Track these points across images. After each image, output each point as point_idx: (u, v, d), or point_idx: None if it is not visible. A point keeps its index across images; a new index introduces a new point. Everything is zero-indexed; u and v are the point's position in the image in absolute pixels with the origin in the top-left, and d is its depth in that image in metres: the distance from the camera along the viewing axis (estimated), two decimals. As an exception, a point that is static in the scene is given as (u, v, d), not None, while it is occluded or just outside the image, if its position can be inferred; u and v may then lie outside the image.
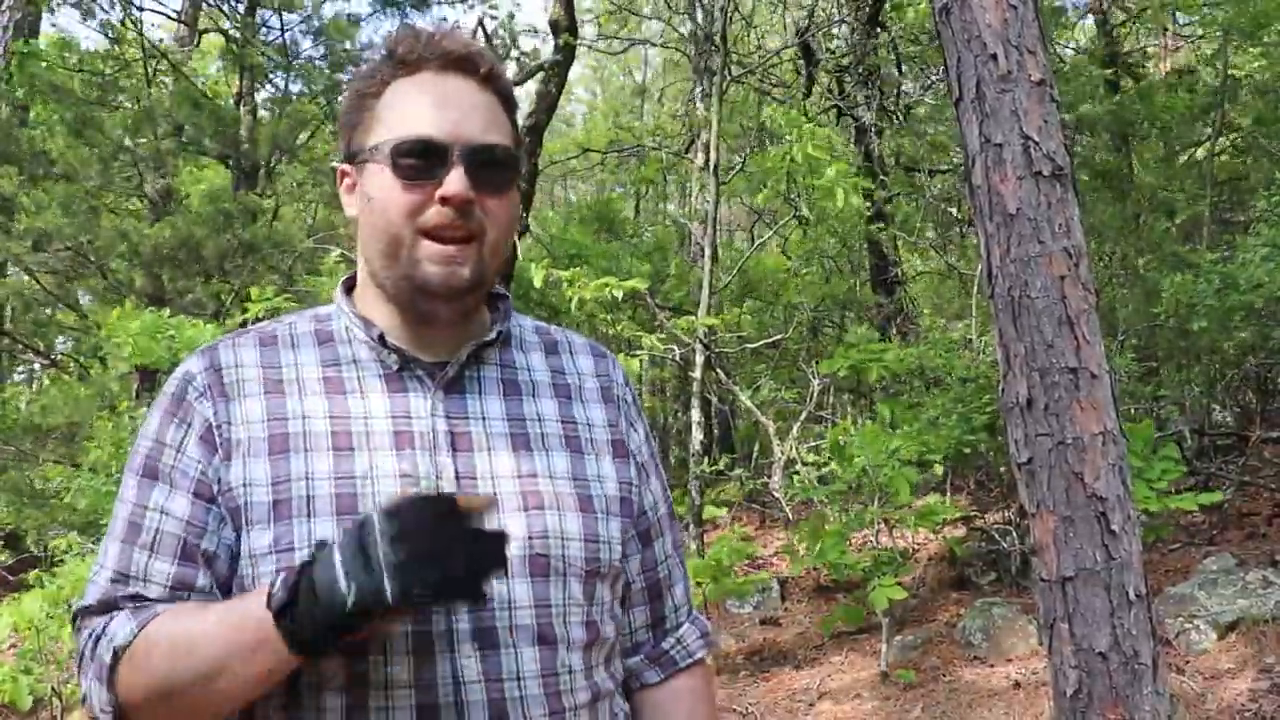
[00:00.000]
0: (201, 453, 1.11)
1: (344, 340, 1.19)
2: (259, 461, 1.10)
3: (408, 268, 1.12)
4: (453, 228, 1.11)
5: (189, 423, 1.13)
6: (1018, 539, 6.10)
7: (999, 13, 2.24)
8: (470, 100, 1.15)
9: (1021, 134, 2.25)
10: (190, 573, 1.09)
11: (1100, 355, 2.41)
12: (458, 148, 1.11)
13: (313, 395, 1.14)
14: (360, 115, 1.17)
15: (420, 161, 1.11)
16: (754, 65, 11.32)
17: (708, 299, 8.01)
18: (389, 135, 1.13)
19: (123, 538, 1.11)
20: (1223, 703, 4.21)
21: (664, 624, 1.34)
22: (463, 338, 1.19)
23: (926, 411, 6.29)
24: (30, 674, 4.67)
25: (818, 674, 5.67)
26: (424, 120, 1.12)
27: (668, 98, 17.38)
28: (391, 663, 1.05)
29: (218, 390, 1.14)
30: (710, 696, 1.37)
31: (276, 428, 1.12)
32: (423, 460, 1.12)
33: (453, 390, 1.17)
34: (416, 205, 1.11)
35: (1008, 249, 2.32)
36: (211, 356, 1.17)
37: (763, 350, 9.74)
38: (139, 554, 1.10)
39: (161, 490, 1.11)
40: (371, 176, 1.14)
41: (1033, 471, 2.53)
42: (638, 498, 1.28)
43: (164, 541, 1.10)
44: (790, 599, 7.25)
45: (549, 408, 1.23)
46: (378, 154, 1.13)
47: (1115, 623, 2.47)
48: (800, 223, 8.80)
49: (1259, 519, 6.24)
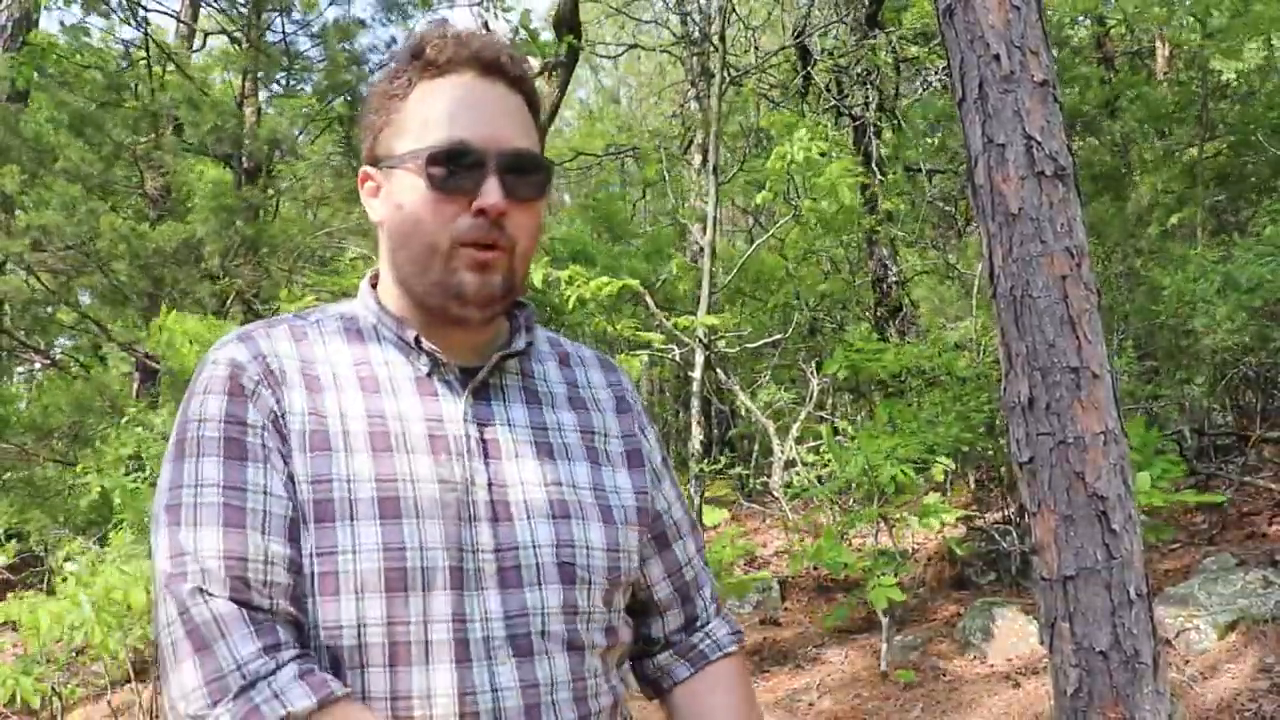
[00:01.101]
0: (277, 439, 1.08)
1: (374, 339, 1.17)
2: (301, 456, 1.07)
3: (442, 275, 1.10)
4: (487, 238, 1.10)
5: (259, 408, 1.08)
6: (1018, 538, 6.11)
7: (1002, 13, 2.25)
8: (502, 106, 1.13)
9: (1024, 134, 2.26)
10: (298, 556, 1.04)
11: (1102, 355, 2.41)
12: (492, 157, 1.09)
13: (349, 392, 1.12)
14: (387, 117, 1.15)
15: (455, 171, 1.09)
16: (751, 67, 11.33)
17: (707, 299, 8.02)
18: (421, 143, 1.10)
19: (224, 521, 1.02)
20: (1223, 702, 4.22)
21: (695, 623, 1.34)
22: (485, 344, 1.19)
23: (924, 411, 6.30)
24: (30, 674, 4.68)
25: (818, 673, 5.68)
26: (458, 127, 1.09)
27: (664, 99, 17.39)
28: (433, 673, 1.04)
29: (271, 379, 1.10)
30: (746, 682, 1.35)
31: (315, 423, 1.09)
32: (457, 465, 1.11)
33: (480, 396, 1.16)
34: (451, 215, 1.09)
35: (1010, 249, 2.33)
36: (252, 345, 1.12)
37: (762, 350, 9.75)
38: (253, 536, 1.02)
39: (256, 469, 1.05)
40: (401, 183, 1.12)
41: (1034, 471, 2.53)
42: (651, 505, 1.27)
43: (274, 523, 1.04)
44: (790, 599, 7.26)
45: (568, 418, 1.22)
46: (409, 161, 1.11)
47: (1116, 622, 2.48)
48: (798, 221, 8.80)
49: (1259, 519, 6.25)
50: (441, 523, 1.07)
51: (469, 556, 1.08)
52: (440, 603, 1.05)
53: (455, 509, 1.08)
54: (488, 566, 1.08)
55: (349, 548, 1.04)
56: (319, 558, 1.04)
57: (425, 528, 1.06)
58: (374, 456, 1.08)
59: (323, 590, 1.04)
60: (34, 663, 4.78)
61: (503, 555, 1.09)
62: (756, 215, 12.85)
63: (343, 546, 1.04)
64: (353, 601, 1.03)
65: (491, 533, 1.09)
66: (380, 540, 1.04)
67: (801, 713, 5.21)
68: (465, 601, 1.06)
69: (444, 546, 1.06)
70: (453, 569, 1.06)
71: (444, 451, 1.11)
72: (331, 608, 1.04)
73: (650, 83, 19.44)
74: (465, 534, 1.08)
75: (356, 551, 1.04)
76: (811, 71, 11.15)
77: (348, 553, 1.04)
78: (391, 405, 1.12)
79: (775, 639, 6.45)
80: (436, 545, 1.06)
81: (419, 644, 1.04)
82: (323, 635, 1.04)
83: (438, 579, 1.05)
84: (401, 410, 1.12)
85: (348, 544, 1.04)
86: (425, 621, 1.04)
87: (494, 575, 1.08)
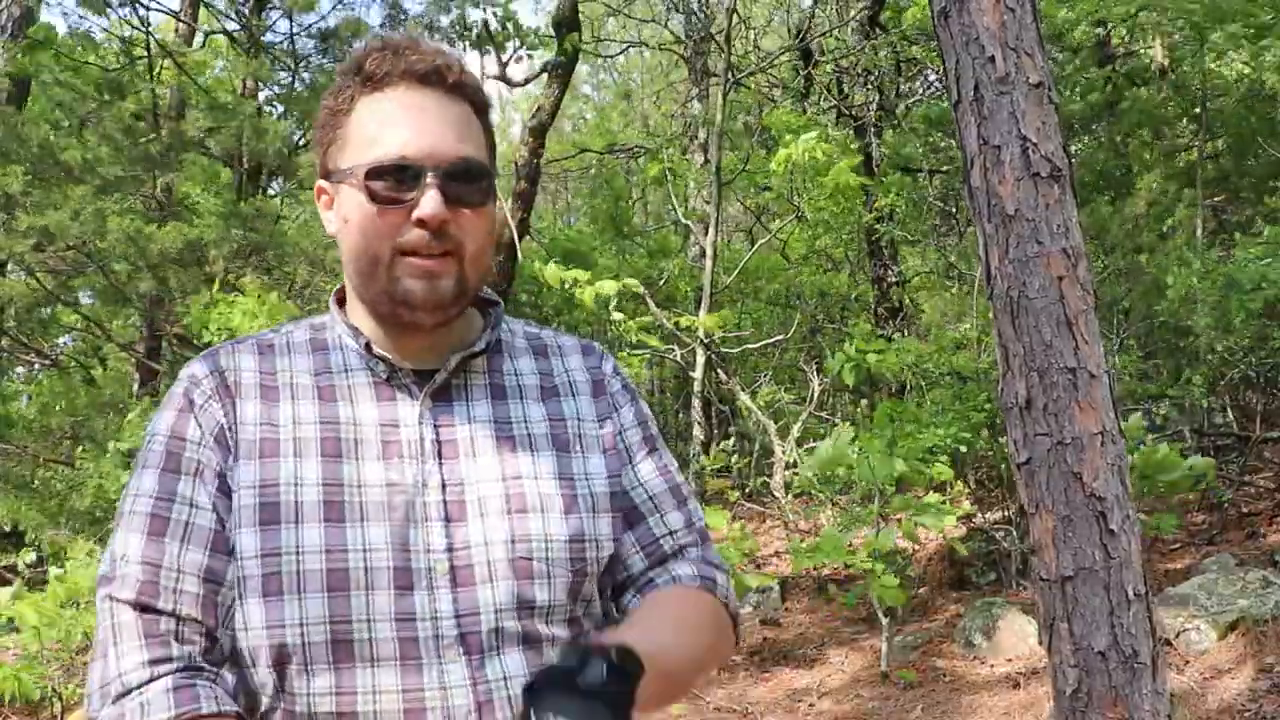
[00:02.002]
0: (218, 452, 1.13)
1: (337, 348, 1.21)
2: (250, 464, 1.12)
3: (387, 284, 1.13)
4: (429, 247, 1.12)
5: (203, 423, 1.14)
6: (1018, 538, 6.11)
7: (997, 15, 2.25)
8: (440, 115, 1.14)
9: (1020, 136, 2.27)
10: (220, 565, 1.09)
11: (1099, 355, 2.42)
12: (430, 168, 1.11)
13: (304, 401, 1.16)
14: (333, 133, 1.18)
15: (393, 185, 1.11)
16: (753, 67, 11.33)
17: (709, 299, 8.03)
18: (360, 158, 1.13)
19: (148, 529, 1.09)
20: (1223, 702, 4.22)
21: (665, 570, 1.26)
22: (447, 345, 1.20)
23: (924, 410, 6.30)
24: (30, 673, 4.68)
25: (818, 673, 5.68)
26: (394, 142, 1.12)
27: (664, 99, 17.39)
28: (379, 672, 1.07)
29: (224, 392, 1.15)
30: (695, 607, 1.22)
31: (267, 432, 1.13)
32: (409, 468, 1.13)
33: (440, 398, 1.18)
34: (392, 227, 1.12)
35: (1006, 250, 2.34)
36: (213, 361, 1.19)
37: (764, 349, 9.76)
38: (170, 544, 1.09)
39: (186, 482, 1.11)
40: (347, 198, 1.15)
41: (1032, 471, 2.54)
42: (621, 485, 1.24)
43: (194, 533, 1.09)
44: (790, 599, 7.27)
45: (536, 410, 1.23)
46: (350, 176, 1.14)
47: (1114, 622, 2.49)
48: (799, 220, 8.81)
49: (1259, 519, 6.25)
50: (388, 525, 1.10)
51: (418, 556, 1.10)
52: (383, 602, 1.07)
53: (404, 511, 1.11)
54: (439, 566, 1.10)
55: (293, 549, 1.08)
56: (264, 559, 1.08)
57: (369, 530, 1.09)
58: (323, 462, 1.12)
59: (267, 590, 1.07)
60: (34, 662, 4.79)
61: (455, 554, 1.11)
62: (759, 215, 12.85)
63: (286, 547, 1.08)
64: (296, 601, 1.07)
65: (444, 533, 1.11)
66: (323, 542, 1.08)
67: (801, 713, 5.22)
68: (414, 601, 1.08)
69: (389, 547, 1.09)
70: (398, 569, 1.08)
71: (396, 455, 1.13)
72: (275, 607, 1.07)
73: (655, 80, 19.45)
74: (414, 535, 1.10)
75: (300, 553, 1.08)
76: (813, 72, 11.16)
77: (291, 554, 1.08)
78: (347, 412, 1.16)
79: (775, 639, 6.45)
80: (381, 546, 1.09)
81: (361, 642, 1.07)
82: (267, 635, 1.07)
83: (381, 579, 1.08)
84: (357, 416, 1.15)
85: (291, 545, 1.08)
86: (369, 620, 1.07)
87: (446, 574, 1.10)
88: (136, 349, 10.21)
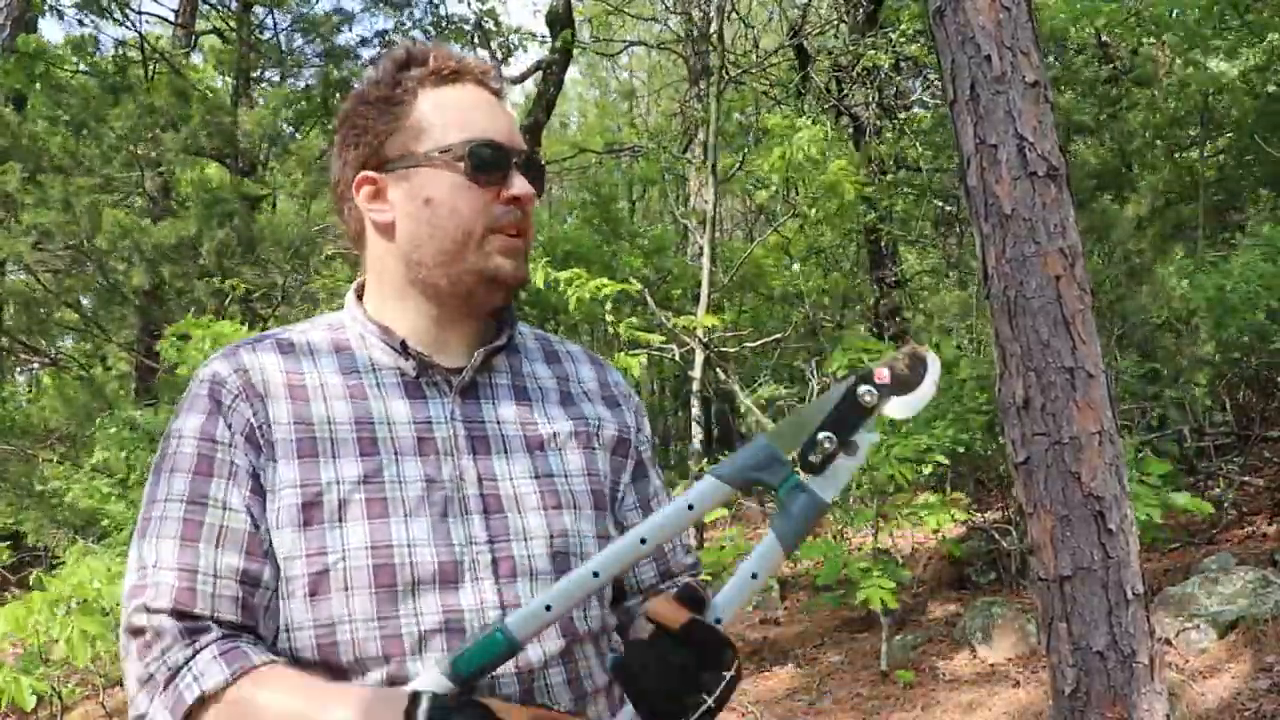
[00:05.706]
0: (250, 452, 1.12)
1: (361, 347, 1.22)
2: (289, 464, 1.11)
3: (478, 262, 1.18)
4: (516, 226, 1.20)
5: (232, 423, 1.12)
6: (1017, 538, 6.10)
7: (993, 14, 2.24)
8: (504, 112, 1.24)
9: (1016, 135, 2.26)
10: (256, 568, 1.08)
11: (1097, 355, 2.41)
12: (514, 154, 1.20)
13: (336, 401, 1.16)
14: (394, 123, 1.20)
15: (492, 163, 1.18)
16: (750, 65, 11.32)
17: (707, 298, 8.02)
18: (450, 139, 1.18)
19: (181, 535, 1.08)
20: (1222, 702, 4.21)
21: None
22: (479, 340, 1.24)
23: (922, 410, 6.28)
24: (30, 674, 4.67)
25: (817, 673, 5.68)
26: (486, 127, 1.20)
27: (663, 97, 17.38)
28: (424, 661, 1.07)
29: (251, 392, 1.14)
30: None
31: (303, 432, 1.13)
32: (446, 464, 1.15)
33: (468, 396, 1.21)
34: (484, 204, 1.18)
35: (1003, 249, 2.33)
36: (235, 360, 1.17)
37: (763, 348, 9.75)
38: (205, 549, 1.07)
39: (218, 485, 1.10)
40: (429, 179, 1.18)
41: (1030, 471, 2.53)
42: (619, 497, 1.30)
43: (229, 536, 1.08)
44: (790, 599, 7.26)
45: (557, 411, 1.26)
46: (440, 157, 1.18)
47: (1113, 621, 2.48)
48: (796, 216, 8.80)
49: (1259, 519, 6.24)
50: (429, 520, 1.11)
51: (462, 550, 1.11)
52: (430, 597, 1.08)
53: (443, 506, 1.12)
54: (482, 558, 1.12)
55: (338, 548, 1.08)
56: (309, 559, 1.08)
57: (412, 526, 1.10)
58: (361, 460, 1.12)
59: (314, 590, 1.08)
60: (34, 662, 4.78)
61: (497, 546, 1.13)
62: (757, 214, 12.84)
63: (332, 547, 1.08)
64: (343, 599, 1.07)
65: (484, 525, 1.14)
66: (369, 540, 1.08)
67: (801, 713, 5.21)
68: (459, 594, 1.10)
69: (432, 543, 1.10)
70: (443, 564, 1.10)
71: (432, 452, 1.15)
72: (324, 607, 1.07)
73: (653, 78, 19.45)
74: (456, 529, 1.12)
75: (346, 551, 1.08)
76: (810, 71, 11.14)
77: (337, 553, 1.08)
78: (379, 410, 1.16)
79: (775, 639, 6.45)
80: (424, 542, 1.10)
81: (410, 637, 1.07)
82: (316, 635, 1.07)
83: (427, 574, 1.09)
84: (390, 414, 1.16)
85: (337, 545, 1.08)
86: (416, 615, 1.08)
87: (489, 566, 1.12)
88: (135, 349, 10.22)
